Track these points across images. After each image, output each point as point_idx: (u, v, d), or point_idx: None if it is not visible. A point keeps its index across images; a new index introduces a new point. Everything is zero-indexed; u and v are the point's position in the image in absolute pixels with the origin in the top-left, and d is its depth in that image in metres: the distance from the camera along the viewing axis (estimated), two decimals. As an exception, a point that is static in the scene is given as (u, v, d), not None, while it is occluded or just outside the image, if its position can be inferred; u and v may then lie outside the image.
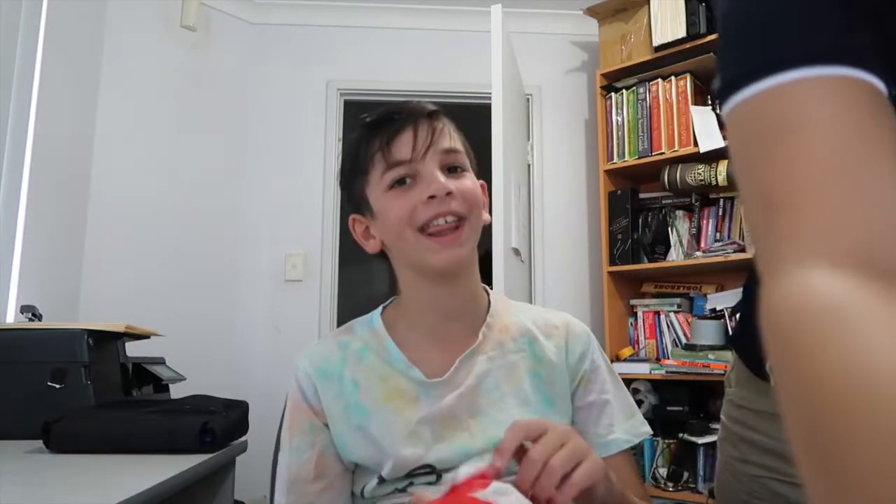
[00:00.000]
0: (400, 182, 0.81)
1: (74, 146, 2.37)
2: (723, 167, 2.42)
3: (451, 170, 0.83)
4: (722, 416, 0.86)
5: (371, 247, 0.87)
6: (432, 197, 0.79)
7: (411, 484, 0.80)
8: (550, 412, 0.83)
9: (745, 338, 0.82)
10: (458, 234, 0.81)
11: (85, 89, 2.43)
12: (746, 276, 0.80)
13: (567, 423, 0.85)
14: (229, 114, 2.83)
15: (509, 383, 0.84)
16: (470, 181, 0.84)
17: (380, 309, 0.92)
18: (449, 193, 0.80)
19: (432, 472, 0.80)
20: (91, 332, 1.52)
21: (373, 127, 0.84)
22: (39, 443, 1.20)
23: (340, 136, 2.94)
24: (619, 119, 2.71)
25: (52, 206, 2.21)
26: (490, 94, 2.19)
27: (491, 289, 0.93)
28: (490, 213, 0.93)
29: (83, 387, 1.45)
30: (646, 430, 0.89)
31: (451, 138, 0.84)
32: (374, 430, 0.81)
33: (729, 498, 0.83)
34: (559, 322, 0.91)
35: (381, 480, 0.80)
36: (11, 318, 1.91)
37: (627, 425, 0.87)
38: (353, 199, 0.88)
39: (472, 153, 0.89)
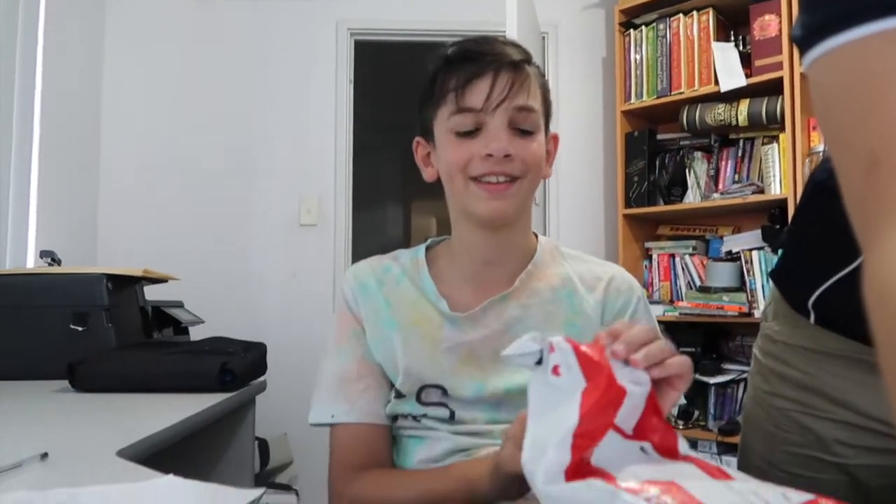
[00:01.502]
0: (465, 129, 0.81)
1: (83, 95, 2.35)
2: (744, 106, 2.35)
3: (523, 128, 0.81)
4: (755, 350, 0.86)
5: (428, 174, 0.89)
6: (490, 155, 0.79)
7: (425, 416, 0.83)
8: None
9: (787, 274, 0.82)
10: (507, 189, 0.81)
11: (91, 35, 2.39)
12: (795, 213, 0.80)
13: None
14: (239, 56, 2.77)
15: (542, 332, 0.83)
16: (535, 143, 0.82)
17: (428, 241, 0.94)
18: (507, 156, 0.79)
19: (444, 394, 0.82)
20: (110, 277, 1.54)
21: (453, 60, 0.82)
22: (65, 383, 1.24)
23: (352, 77, 2.89)
24: (638, 57, 2.63)
25: (65, 154, 2.21)
26: (504, 32, 2.12)
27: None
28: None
29: (105, 329, 1.49)
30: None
31: (529, 94, 0.82)
32: (397, 345, 0.84)
33: (755, 430, 0.84)
34: (604, 275, 0.89)
35: (399, 395, 0.83)
36: (32, 263, 1.94)
37: None
38: (421, 122, 0.88)
39: (550, 105, 0.87)
